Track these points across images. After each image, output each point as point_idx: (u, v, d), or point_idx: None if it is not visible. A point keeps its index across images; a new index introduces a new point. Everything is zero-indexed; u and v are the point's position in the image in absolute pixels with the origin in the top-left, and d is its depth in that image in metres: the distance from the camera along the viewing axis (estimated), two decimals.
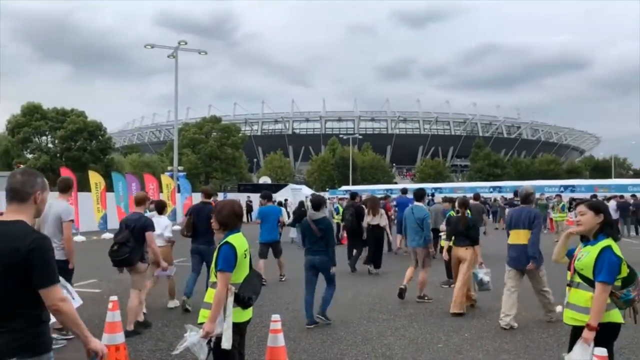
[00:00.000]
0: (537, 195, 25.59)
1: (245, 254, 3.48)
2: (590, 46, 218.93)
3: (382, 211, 12.00)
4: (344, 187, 53.09)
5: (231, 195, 33.53)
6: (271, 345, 3.98)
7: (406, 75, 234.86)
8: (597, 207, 3.59)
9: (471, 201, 15.00)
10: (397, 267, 11.45)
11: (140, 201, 6.49)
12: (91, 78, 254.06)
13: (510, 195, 27.93)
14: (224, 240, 3.45)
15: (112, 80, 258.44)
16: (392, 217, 15.20)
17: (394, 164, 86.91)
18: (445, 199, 12.53)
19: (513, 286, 6.51)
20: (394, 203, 16.46)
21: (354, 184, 57.62)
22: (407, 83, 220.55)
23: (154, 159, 59.51)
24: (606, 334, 3.28)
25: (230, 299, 3.32)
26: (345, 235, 14.00)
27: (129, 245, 5.86)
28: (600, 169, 73.35)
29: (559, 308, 5.74)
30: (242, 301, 3.36)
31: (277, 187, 39.27)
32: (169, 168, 30.00)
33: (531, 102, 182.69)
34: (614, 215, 19.97)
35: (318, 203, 7.03)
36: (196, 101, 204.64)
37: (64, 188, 6.06)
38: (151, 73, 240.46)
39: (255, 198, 30.37)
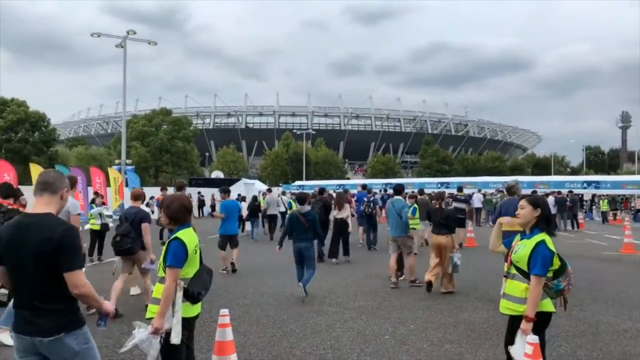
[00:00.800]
0: (483, 191, 26.65)
1: (195, 250, 3.46)
2: (533, 48, 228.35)
3: (347, 205, 12.71)
4: (297, 182, 53.12)
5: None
6: (219, 340, 3.99)
7: (358, 72, 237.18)
8: (535, 202, 3.80)
9: (418, 196, 15.90)
10: (351, 260, 11.71)
11: (137, 196, 7.30)
12: (33, 66, 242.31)
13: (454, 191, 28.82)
14: (174, 236, 3.42)
15: (56, 69, 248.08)
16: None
17: (347, 160, 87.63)
18: (410, 196, 13.35)
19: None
20: (355, 198, 16.94)
21: (307, 179, 57.76)
22: (359, 79, 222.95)
23: (101, 151, 57.37)
24: (538, 322, 3.50)
25: (180, 294, 3.30)
26: None
27: (130, 237, 6.63)
28: (541, 166, 76.87)
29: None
30: (191, 296, 3.35)
31: (229, 182, 38.76)
32: (117, 161, 29.12)
33: (478, 101, 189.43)
34: (552, 210, 21.10)
35: (303, 198, 8.26)
36: (145, 93, 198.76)
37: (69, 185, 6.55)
38: (98, 63, 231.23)
39: (207, 193, 30.06)
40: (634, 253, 13.27)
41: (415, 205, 11.98)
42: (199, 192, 30.15)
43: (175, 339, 3.25)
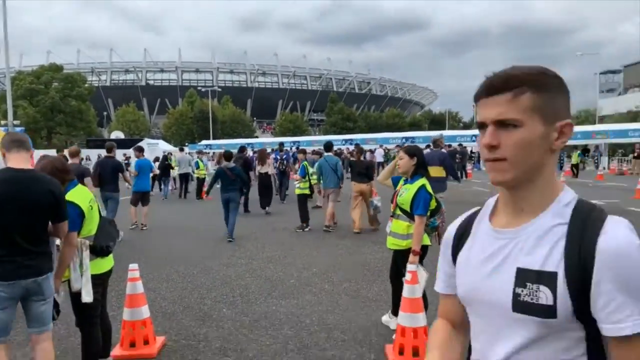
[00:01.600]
0: (384, 147, 27.99)
1: (91, 205, 3.43)
2: (429, 8, 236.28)
3: (269, 161, 13.65)
4: (204, 142, 51.99)
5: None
6: (130, 293, 4.11)
7: (264, 28, 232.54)
8: (412, 151, 4.36)
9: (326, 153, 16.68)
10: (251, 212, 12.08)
11: (74, 154, 8.16)
12: None
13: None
14: (67, 201, 3.28)
15: None
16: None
17: (255, 118, 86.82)
18: (314, 152, 14.89)
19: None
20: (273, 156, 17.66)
21: (214, 137, 56.67)
22: (264, 35, 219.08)
23: None
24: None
25: (86, 253, 3.32)
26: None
27: None
28: (437, 122, 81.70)
29: None
30: (100, 251, 3.40)
31: (131, 142, 37.14)
32: (3, 122, 26.68)
33: (379, 59, 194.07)
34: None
35: (229, 155, 9.99)
36: (31, 47, 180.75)
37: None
38: None
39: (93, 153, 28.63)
40: None
41: (305, 163, 12.64)
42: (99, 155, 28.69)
43: (87, 297, 3.29)
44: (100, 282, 3.47)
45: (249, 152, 19.01)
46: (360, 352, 4.10)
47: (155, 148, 34.06)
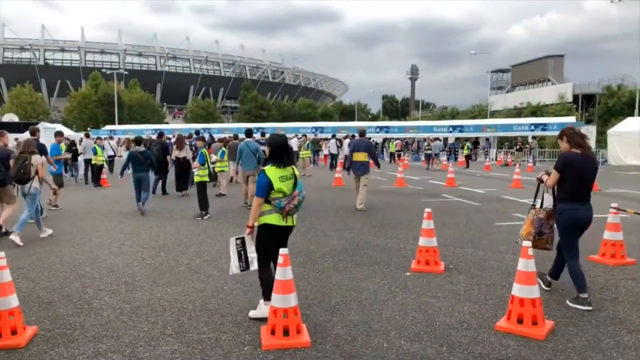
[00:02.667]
0: (299, 136, 28.36)
1: None
2: (342, 1, 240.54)
3: (186, 146, 14.44)
4: (108, 127, 49.43)
5: None
6: None
7: (174, 10, 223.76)
8: (268, 142, 4.77)
9: (232, 140, 17.09)
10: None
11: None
12: None
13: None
14: None
15: None
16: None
17: (165, 104, 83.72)
18: (219, 140, 15.88)
19: (359, 185, 10.95)
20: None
21: (120, 123, 54.05)
22: (175, 18, 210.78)
23: None
24: (264, 230, 4.57)
25: None
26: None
27: (1, 170, 7.89)
28: (347, 113, 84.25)
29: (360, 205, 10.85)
30: None
31: (25, 126, 34.48)
32: None
33: (292, 49, 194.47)
34: (347, 151, 23.82)
35: (139, 140, 11.59)
36: None
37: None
38: None
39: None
40: (404, 186, 15.92)
41: (224, 149, 13.36)
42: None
43: None
44: None
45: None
46: (236, 334, 4.30)
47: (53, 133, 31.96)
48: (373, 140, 28.31)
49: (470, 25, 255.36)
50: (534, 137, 32.42)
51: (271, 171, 4.52)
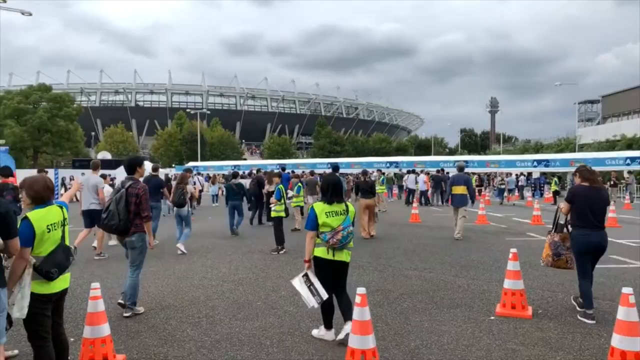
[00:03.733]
0: (371, 170, 28.35)
1: (49, 228, 3.55)
2: (415, 35, 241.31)
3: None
4: (191, 163, 52.04)
5: (64, 172, 31.06)
6: (91, 311, 4.22)
7: (252, 52, 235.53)
8: (322, 182, 5.23)
9: (309, 176, 17.89)
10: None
11: (96, 167, 10.09)
12: None
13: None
14: (25, 215, 3.51)
15: None
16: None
17: (243, 141, 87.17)
18: (295, 176, 16.79)
19: (457, 217, 11.95)
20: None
21: (202, 159, 56.77)
22: (253, 60, 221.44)
23: None
24: (315, 264, 4.96)
25: (29, 271, 3.41)
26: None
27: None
28: (423, 147, 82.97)
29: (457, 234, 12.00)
30: (41, 274, 3.48)
31: (116, 163, 37.19)
32: None
33: (366, 85, 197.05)
34: (423, 186, 23.32)
35: (235, 174, 14.14)
36: (21, 66, 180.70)
37: (95, 167, 10.19)
38: None
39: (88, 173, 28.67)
40: (485, 224, 15.22)
41: (299, 184, 13.61)
42: (82, 173, 28.73)
43: (18, 313, 3.34)
44: (47, 300, 3.58)
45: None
46: None
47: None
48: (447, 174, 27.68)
49: (552, 55, 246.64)
50: (630, 172, 30.15)
51: (319, 207, 4.90)
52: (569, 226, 5.82)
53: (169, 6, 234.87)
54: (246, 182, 18.53)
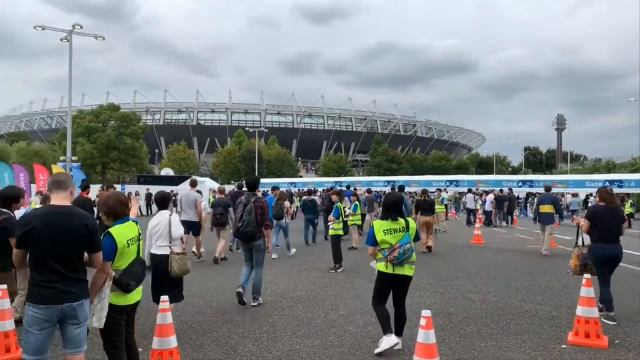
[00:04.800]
0: (431, 190, 27.94)
1: (129, 243, 3.74)
2: (476, 51, 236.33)
3: (347, 199, 16.07)
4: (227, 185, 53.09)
5: (130, 188, 32.54)
6: (160, 323, 4.34)
7: (309, 71, 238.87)
8: (384, 201, 5.55)
9: (366, 194, 17.88)
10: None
11: (194, 184, 11.45)
12: None
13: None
14: (107, 230, 3.69)
15: None
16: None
17: (300, 158, 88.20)
18: (353, 194, 16.38)
19: (545, 234, 12.87)
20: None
21: (260, 177, 57.81)
22: (310, 78, 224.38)
23: (44, 148, 55.45)
24: (377, 275, 5.25)
25: (109, 284, 3.61)
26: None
27: (224, 214, 11.53)
28: (485, 166, 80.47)
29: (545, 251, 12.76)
30: (120, 286, 3.68)
31: (179, 180, 38.57)
32: (62, 158, 28.40)
33: (425, 102, 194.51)
34: (489, 207, 22.52)
35: (310, 191, 16.90)
36: (92, 87, 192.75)
37: (193, 184, 11.42)
38: (39, 55, 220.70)
39: (155, 190, 29.95)
40: (553, 246, 14.50)
41: (357, 203, 13.52)
42: (147, 189, 30.04)
43: (96, 323, 3.54)
44: (122, 312, 3.76)
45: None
46: None
47: (202, 185, 35.22)
48: (514, 195, 26.83)
49: (624, 70, 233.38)
50: None
51: (378, 224, 5.18)
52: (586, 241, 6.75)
53: (230, 28, 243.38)
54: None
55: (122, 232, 3.74)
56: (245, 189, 10.89)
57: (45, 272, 3.27)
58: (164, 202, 6.12)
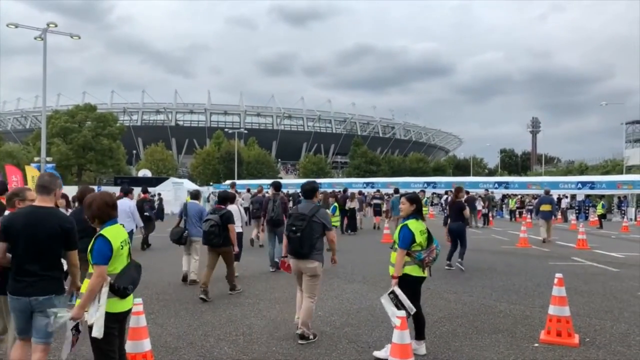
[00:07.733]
0: (402, 191, 28.13)
1: (122, 245, 3.53)
2: (452, 55, 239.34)
3: (356, 199, 19.27)
4: (228, 181, 52.74)
5: (106, 189, 32.03)
6: (133, 326, 4.26)
7: (288, 72, 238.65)
8: (412, 199, 5.21)
9: (357, 195, 18.76)
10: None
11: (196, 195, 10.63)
12: None
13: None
14: (98, 233, 3.48)
15: None
16: None
17: (279, 159, 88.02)
18: (331, 195, 17.67)
19: (546, 227, 15.78)
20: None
21: (239, 178, 57.51)
22: (289, 79, 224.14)
23: (17, 148, 54.21)
24: (405, 281, 4.91)
25: (105, 289, 3.39)
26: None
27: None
28: (462, 167, 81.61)
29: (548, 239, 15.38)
30: (117, 291, 3.45)
31: (157, 181, 38.06)
32: (36, 159, 27.80)
33: (402, 104, 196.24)
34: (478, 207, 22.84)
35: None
36: (68, 87, 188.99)
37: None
38: (11, 53, 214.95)
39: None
40: (527, 247, 14.79)
41: (336, 204, 13.63)
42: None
43: (96, 332, 3.31)
44: (116, 320, 3.52)
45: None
46: None
47: (180, 187, 34.81)
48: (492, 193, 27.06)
49: (597, 74, 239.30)
50: None
51: (413, 224, 4.96)
52: None
53: (206, 28, 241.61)
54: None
55: (114, 234, 3.52)
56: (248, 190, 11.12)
57: (19, 266, 3.62)
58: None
